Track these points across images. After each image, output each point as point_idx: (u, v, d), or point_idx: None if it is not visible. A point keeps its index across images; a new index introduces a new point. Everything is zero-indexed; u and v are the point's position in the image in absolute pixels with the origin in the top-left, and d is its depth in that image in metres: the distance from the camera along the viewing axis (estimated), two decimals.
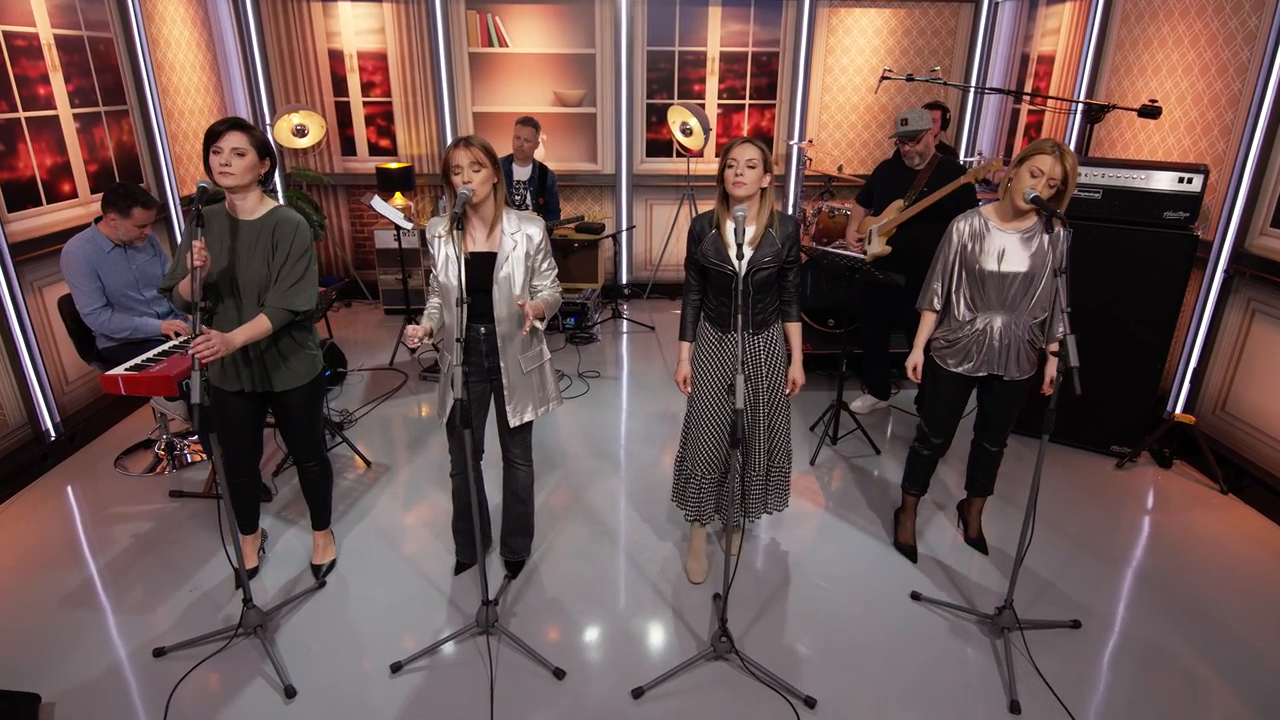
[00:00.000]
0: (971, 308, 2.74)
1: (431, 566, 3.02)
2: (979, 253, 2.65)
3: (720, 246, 2.59)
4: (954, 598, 2.89)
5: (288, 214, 2.56)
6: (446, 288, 2.52)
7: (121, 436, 4.05)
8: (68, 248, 3.29)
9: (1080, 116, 4.92)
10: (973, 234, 2.67)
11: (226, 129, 2.37)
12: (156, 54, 4.74)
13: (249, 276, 2.48)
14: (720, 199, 2.60)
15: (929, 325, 2.85)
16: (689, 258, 2.73)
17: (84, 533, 3.23)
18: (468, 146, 2.39)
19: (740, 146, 2.46)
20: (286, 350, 2.61)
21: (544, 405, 2.73)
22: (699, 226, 2.66)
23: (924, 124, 3.70)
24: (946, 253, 2.75)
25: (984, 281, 2.66)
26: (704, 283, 2.74)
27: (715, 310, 2.71)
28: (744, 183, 2.46)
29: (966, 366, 2.78)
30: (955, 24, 6.06)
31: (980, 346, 2.74)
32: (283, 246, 2.53)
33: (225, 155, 2.36)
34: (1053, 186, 2.48)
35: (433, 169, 6.19)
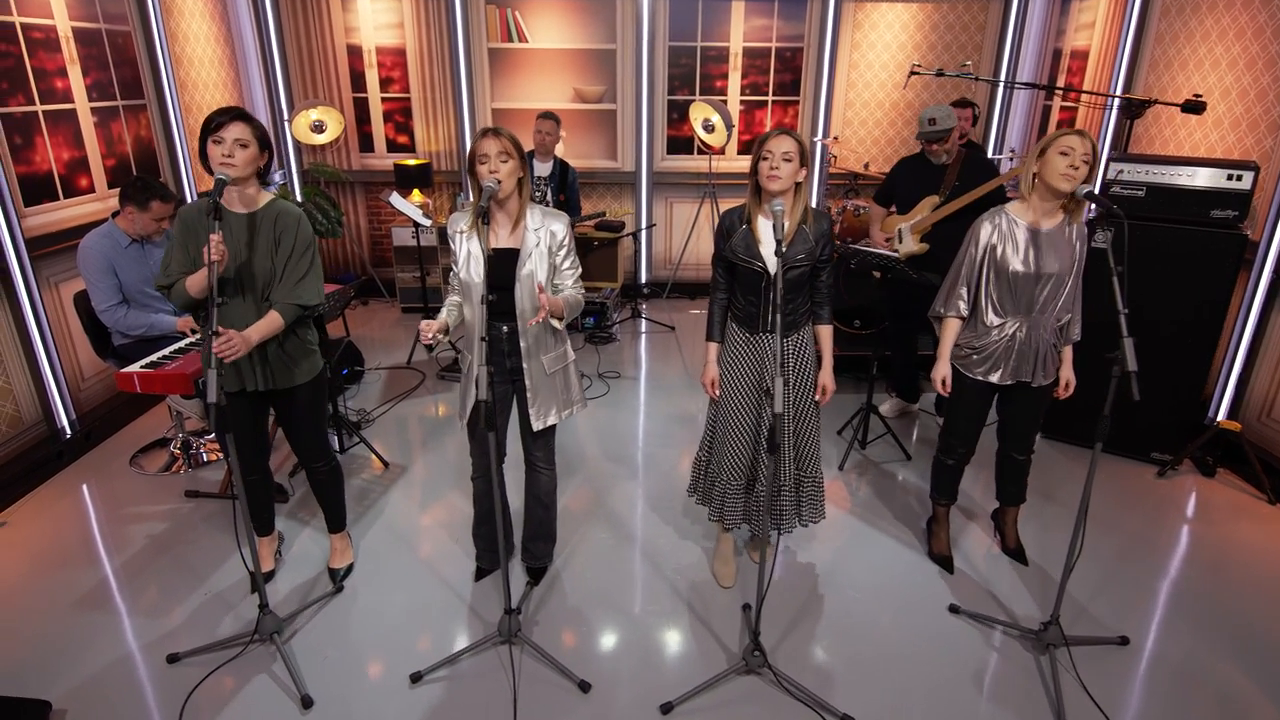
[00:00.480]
0: (1000, 312, 2.61)
1: (451, 571, 2.94)
2: (1008, 253, 2.53)
3: (751, 243, 2.49)
4: (992, 611, 2.77)
5: (287, 207, 2.48)
6: (468, 285, 2.43)
7: (137, 434, 3.99)
8: (84, 243, 3.24)
9: (1117, 112, 4.78)
10: (1000, 234, 2.55)
11: (229, 119, 2.29)
12: (175, 48, 4.69)
13: (252, 270, 2.41)
14: (752, 193, 2.50)
15: (954, 332, 2.71)
16: (716, 254, 2.63)
17: (99, 532, 3.18)
18: (496, 136, 2.30)
19: (777, 138, 2.35)
20: (292, 347, 2.54)
21: (568, 408, 2.64)
22: (728, 221, 2.56)
23: (952, 123, 3.61)
24: (972, 254, 2.61)
25: (1015, 284, 2.54)
26: (732, 281, 2.64)
27: (744, 310, 2.60)
28: (779, 176, 2.36)
29: (995, 375, 2.65)
30: (984, 18, 5.92)
31: (1010, 353, 2.62)
32: (286, 240, 2.46)
33: (228, 146, 2.28)
34: (1087, 162, 2.38)
35: (451, 165, 6.12)
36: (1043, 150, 2.46)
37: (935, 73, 4.55)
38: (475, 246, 2.42)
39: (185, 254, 2.40)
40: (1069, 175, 2.38)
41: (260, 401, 2.61)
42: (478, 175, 2.34)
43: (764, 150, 2.37)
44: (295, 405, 2.59)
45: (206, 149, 2.31)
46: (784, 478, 2.71)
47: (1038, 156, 2.47)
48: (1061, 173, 2.39)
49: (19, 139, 3.54)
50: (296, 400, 2.58)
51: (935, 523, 3.03)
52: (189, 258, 2.40)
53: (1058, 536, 3.20)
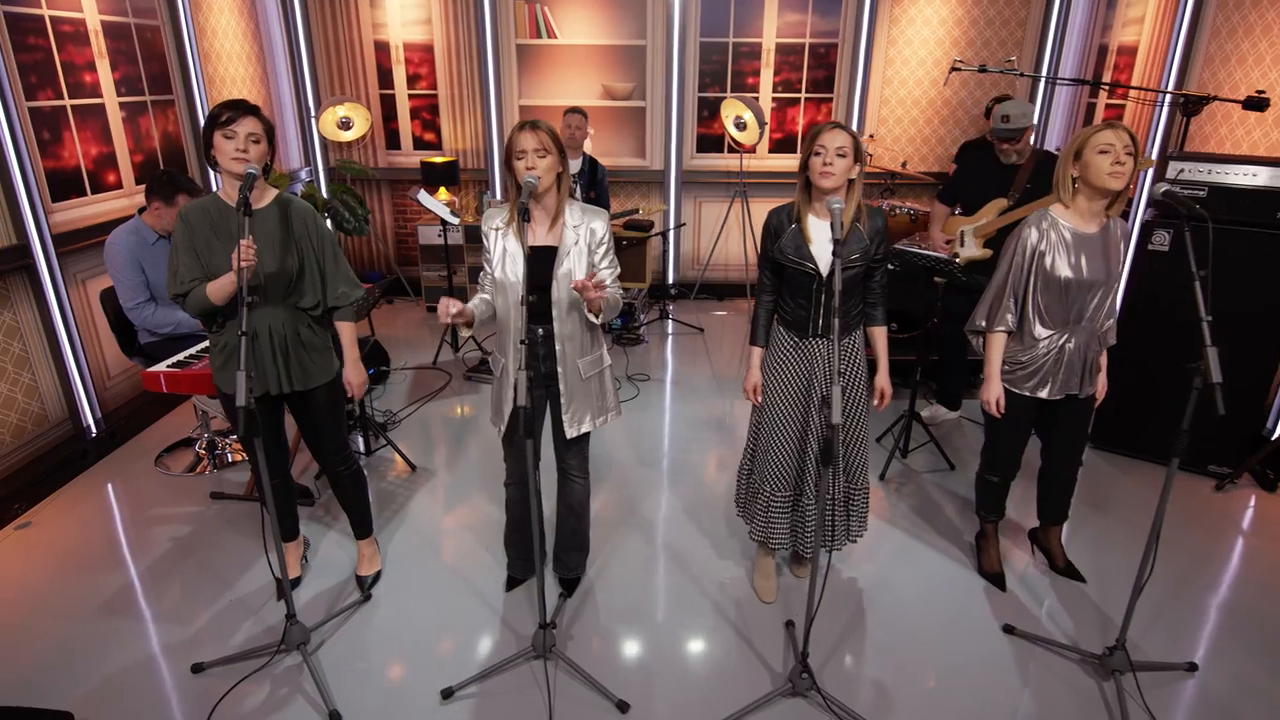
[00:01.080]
0: (1049, 323, 2.46)
1: (482, 581, 2.84)
2: (1056, 261, 2.38)
3: (801, 243, 2.37)
4: (1045, 631, 2.63)
5: (298, 201, 2.41)
6: (504, 284, 2.33)
7: (162, 434, 3.94)
8: (111, 239, 3.18)
9: (1167, 109, 4.60)
10: (1047, 241, 2.39)
11: (240, 113, 2.20)
12: (203, 43, 4.64)
13: (274, 267, 2.32)
14: (802, 190, 2.38)
15: (1001, 348, 2.53)
16: (763, 254, 2.51)
17: (124, 534, 3.12)
18: (534, 130, 2.20)
19: (830, 132, 2.23)
20: (311, 346, 2.46)
21: (603, 415, 2.53)
22: (775, 221, 2.44)
23: (1027, 121, 3.39)
24: (1020, 263, 2.43)
25: (1066, 291, 2.39)
26: (779, 283, 2.52)
27: (792, 313, 2.48)
28: (832, 173, 2.24)
29: (1045, 391, 2.50)
30: (1025, 14, 5.74)
31: (1059, 365, 2.47)
32: (312, 239, 2.39)
33: (241, 141, 2.20)
34: (1130, 154, 2.24)
35: (478, 163, 6.04)
36: (1077, 153, 2.31)
37: (978, 69, 4.39)
38: (512, 244, 2.32)
39: (194, 257, 2.29)
40: (1117, 173, 2.24)
41: (278, 405, 2.53)
42: (515, 171, 2.24)
43: (816, 145, 2.25)
44: (314, 407, 2.51)
45: (213, 143, 2.22)
46: (832, 491, 2.58)
47: (1073, 160, 2.33)
48: (1109, 172, 2.25)
49: (47, 134, 3.50)
50: (315, 402, 2.50)
51: (984, 539, 2.89)
52: (198, 261, 2.30)
53: (1111, 552, 3.05)
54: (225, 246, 2.28)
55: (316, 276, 2.41)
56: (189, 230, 2.29)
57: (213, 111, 2.20)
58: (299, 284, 2.37)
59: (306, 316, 2.42)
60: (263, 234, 2.31)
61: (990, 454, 2.73)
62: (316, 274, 2.41)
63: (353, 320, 2.53)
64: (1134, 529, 3.20)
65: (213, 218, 2.30)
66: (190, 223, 2.30)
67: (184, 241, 2.30)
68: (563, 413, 2.46)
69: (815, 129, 2.26)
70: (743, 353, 5.28)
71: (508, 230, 2.34)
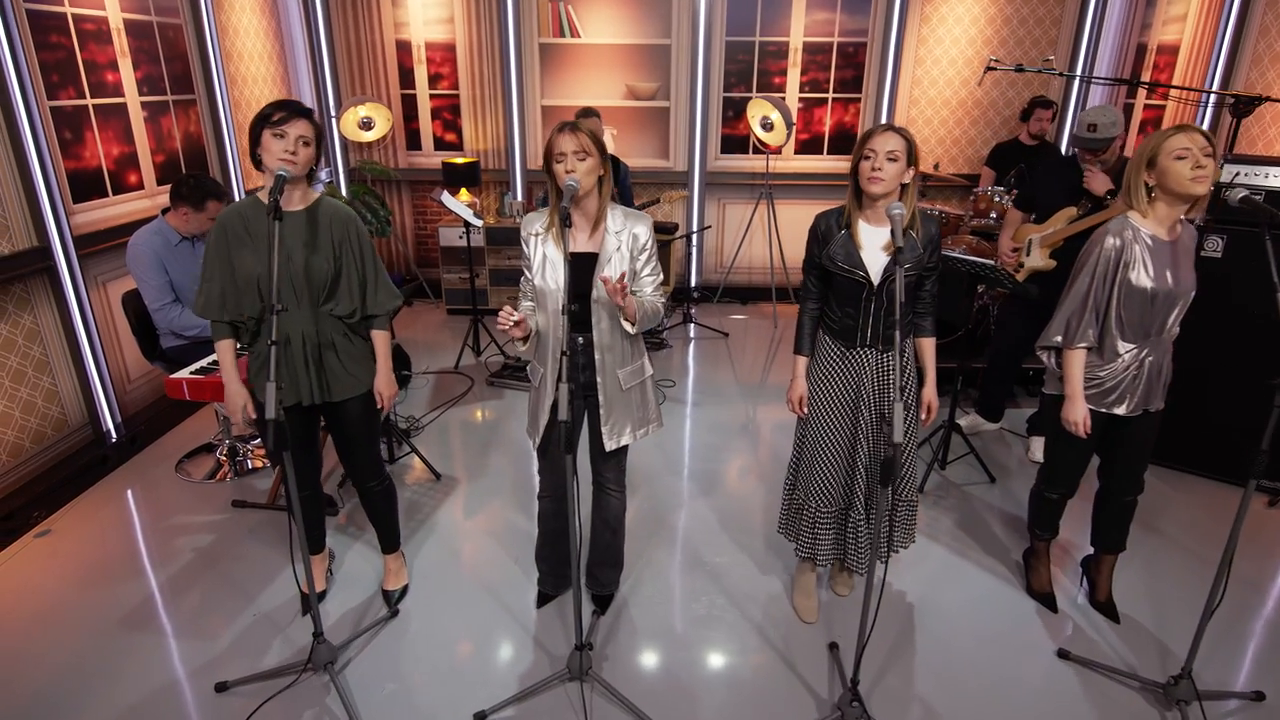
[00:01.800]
0: (1131, 336, 2.31)
1: (512, 597, 2.75)
2: (1140, 270, 2.24)
3: (852, 249, 2.26)
4: (1100, 655, 2.51)
5: (338, 205, 2.33)
6: (544, 292, 2.24)
7: (183, 439, 3.88)
8: (135, 240, 3.11)
9: (1214, 110, 4.46)
10: (1129, 249, 2.24)
11: (292, 115, 2.12)
12: (225, 42, 4.58)
13: (310, 272, 2.24)
14: (852, 194, 2.27)
15: (1083, 364, 2.36)
16: (809, 260, 2.41)
17: (144, 544, 3.04)
18: (573, 132, 2.11)
19: (881, 135, 2.12)
20: (347, 354, 2.37)
21: (643, 427, 2.43)
22: (823, 226, 2.34)
23: (1116, 131, 3.11)
24: (1102, 273, 2.28)
25: (1150, 302, 2.25)
26: (825, 290, 2.41)
27: (839, 322, 2.37)
28: (882, 178, 2.13)
29: (1123, 407, 2.36)
30: (1060, 12, 5.60)
31: (1139, 380, 2.33)
32: (351, 246, 2.31)
33: (291, 143, 2.12)
34: (1209, 155, 2.09)
35: (499, 164, 5.96)
36: (1150, 161, 2.18)
37: (1014, 68, 4.26)
38: (552, 250, 2.23)
39: (228, 267, 2.23)
40: (1200, 177, 2.10)
41: (311, 415, 2.44)
42: (554, 175, 2.15)
43: (866, 149, 2.14)
44: (348, 418, 2.43)
45: (261, 142, 2.14)
46: (881, 505, 2.47)
47: (1146, 168, 2.20)
48: (1191, 177, 2.11)
49: (69, 134, 3.44)
50: (349, 413, 2.41)
51: (1035, 557, 2.76)
52: (230, 272, 2.22)
53: (1165, 574, 2.92)
54: (254, 248, 2.21)
55: (355, 283, 2.33)
56: (222, 237, 2.23)
57: (264, 110, 2.12)
58: (334, 290, 2.29)
59: (342, 324, 2.34)
60: (301, 236, 2.24)
61: (1051, 470, 2.60)
62: (355, 281, 2.33)
63: (388, 330, 2.44)
64: (1184, 548, 3.08)
65: (247, 218, 2.22)
66: (227, 228, 2.23)
67: (217, 252, 2.23)
68: (601, 424, 2.36)
69: (866, 132, 2.16)
70: (768, 359, 5.17)
71: (547, 236, 2.24)
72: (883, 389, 2.37)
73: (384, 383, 2.43)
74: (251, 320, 2.25)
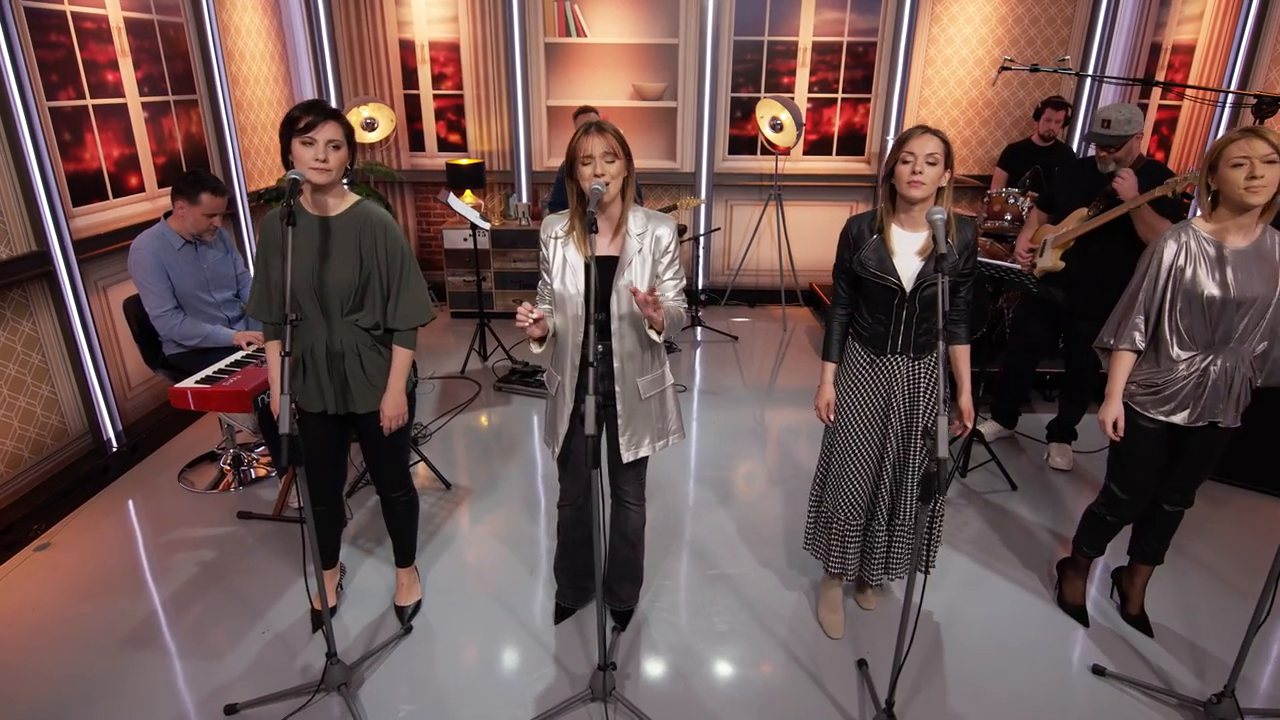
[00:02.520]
0: (1189, 344, 2.23)
1: (528, 610, 2.67)
2: (1199, 276, 2.16)
3: (884, 255, 2.19)
4: (1138, 671, 2.44)
5: (375, 210, 2.24)
6: (563, 297, 2.16)
7: (185, 447, 3.79)
8: (136, 244, 3.02)
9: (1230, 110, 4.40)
10: (1189, 254, 2.17)
11: (321, 118, 2.04)
12: (226, 41, 4.49)
13: (335, 281, 2.16)
14: (886, 198, 2.20)
15: (1126, 368, 2.31)
16: (839, 266, 2.33)
17: (147, 558, 2.95)
18: (600, 133, 2.03)
19: (920, 137, 2.05)
20: (373, 366, 2.29)
21: (663, 439, 2.35)
22: (855, 230, 2.26)
23: (1132, 129, 3.05)
24: (1154, 275, 2.21)
25: (1210, 310, 2.16)
26: (856, 296, 2.34)
27: (869, 329, 2.30)
28: (922, 182, 2.06)
29: (1182, 415, 2.27)
30: (1072, 11, 5.54)
31: (1201, 390, 2.24)
32: (381, 253, 2.22)
33: (321, 149, 2.04)
34: (1271, 162, 2.00)
35: (504, 165, 5.87)
36: (1212, 166, 2.11)
37: (1030, 68, 4.19)
38: (572, 254, 2.15)
39: (264, 271, 2.20)
40: (1254, 188, 2.01)
41: (342, 424, 2.36)
42: (578, 177, 2.07)
43: (905, 152, 2.07)
44: (373, 430, 2.34)
45: (291, 149, 2.06)
46: (904, 517, 2.40)
47: (1209, 174, 2.13)
48: (1244, 187, 2.02)
49: (68, 135, 3.35)
50: (374, 425, 2.33)
51: (1073, 569, 2.68)
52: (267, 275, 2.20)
53: (1194, 585, 2.85)
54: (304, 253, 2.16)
55: (379, 295, 2.24)
56: (265, 240, 2.19)
57: (290, 115, 2.05)
58: (360, 300, 2.21)
59: (368, 336, 2.26)
60: (337, 243, 2.17)
61: (1116, 491, 2.48)
62: (380, 292, 2.24)
63: (410, 347, 2.34)
64: (1215, 559, 3.01)
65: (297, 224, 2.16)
66: (266, 231, 2.19)
67: (260, 254, 2.21)
68: (620, 435, 2.28)
69: (904, 134, 2.08)
70: (777, 362, 5.10)
71: (568, 239, 2.16)
72: (913, 398, 2.30)
73: (390, 403, 2.32)
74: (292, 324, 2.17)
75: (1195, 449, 2.36)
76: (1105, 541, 2.60)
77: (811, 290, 6.08)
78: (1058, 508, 3.37)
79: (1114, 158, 3.16)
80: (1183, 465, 2.40)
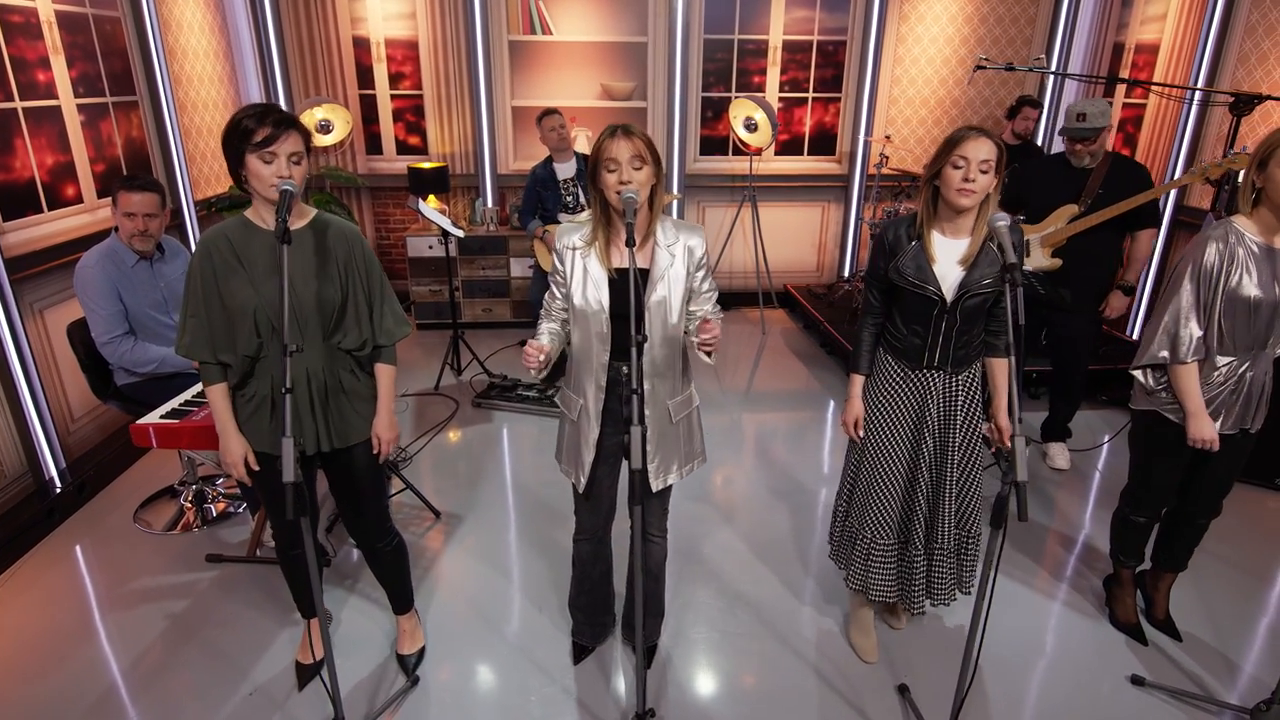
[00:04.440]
0: (1229, 349, 2.18)
1: (545, 652, 2.47)
2: (1242, 278, 2.10)
3: (924, 263, 2.07)
4: (1173, 679, 2.40)
5: (337, 222, 2.02)
6: (584, 313, 1.98)
7: (137, 482, 3.45)
8: (84, 262, 2.71)
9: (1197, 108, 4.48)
10: (1231, 255, 2.11)
11: (280, 130, 1.80)
12: (168, 37, 4.14)
13: (315, 300, 1.93)
14: (927, 203, 2.08)
15: (1195, 376, 2.19)
16: (872, 273, 2.21)
17: (104, 615, 2.63)
18: (627, 137, 1.86)
19: (975, 142, 1.92)
20: (354, 393, 2.07)
21: (689, 463, 2.20)
22: (892, 236, 2.14)
23: (1105, 121, 3.11)
24: (1207, 278, 2.12)
25: (1254, 313, 2.11)
26: (889, 305, 2.22)
27: (904, 341, 2.19)
28: (973, 190, 1.93)
29: (1219, 424, 2.21)
30: (1035, 11, 5.60)
31: (1237, 396, 2.20)
32: (357, 267, 2.01)
33: (284, 165, 1.81)
34: None
35: (467, 168, 5.61)
36: (1261, 163, 2.05)
37: (1004, 67, 4.19)
38: (594, 265, 1.98)
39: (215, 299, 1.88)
40: None
41: (310, 464, 2.11)
42: (601, 184, 1.90)
43: (956, 156, 1.94)
44: (356, 467, 2.11)
45: (245, 163, 1.82)
46: (943, 541, 2.29)
47: (1257, 170, 2.08)
48: None
49: None
50: (357, 461, 2.10)
51: (1119, 586, 2.62)
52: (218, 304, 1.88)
53: (1210, 584, 2.84)
54: (248, 275, 1.88)
55: (364, 310, 2.02)
56: (208, 265, 1.88)
57: (240, 125, 1.78)
58: (341, 320, 1.98)
59: (349, 359, 2.03)
60: (298, 260, 1.92)
61: (1139, 492, 2.44)
62: (364, 307, 2.02)
63: (393, 362, 2.14)
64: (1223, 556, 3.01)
65: (235, 242, 1.89)
66: (209, 254, 1.88)
67: (201, 282, 1.89)
68: (647, 462, 2.11)
69: (955, 136, 1.96)
70: (753, 365, 5.01)
71: (589, 250, 1.98)
72: (949, 415, 2.19)
73: (384, 425, 2.11)
74: (246, 359, 1.91)
75: (1223, 457, 2.30)
76: (1141, 546, 2.55)
77: (787, 292, 6.01)
78: (1064, 509, 3.34)
79: (1088, 151, 3.22)
80: (1211, 474, 2.36)
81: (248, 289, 1.86)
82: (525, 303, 5.46)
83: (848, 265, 6.10)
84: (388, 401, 2.13)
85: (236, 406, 1.98)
